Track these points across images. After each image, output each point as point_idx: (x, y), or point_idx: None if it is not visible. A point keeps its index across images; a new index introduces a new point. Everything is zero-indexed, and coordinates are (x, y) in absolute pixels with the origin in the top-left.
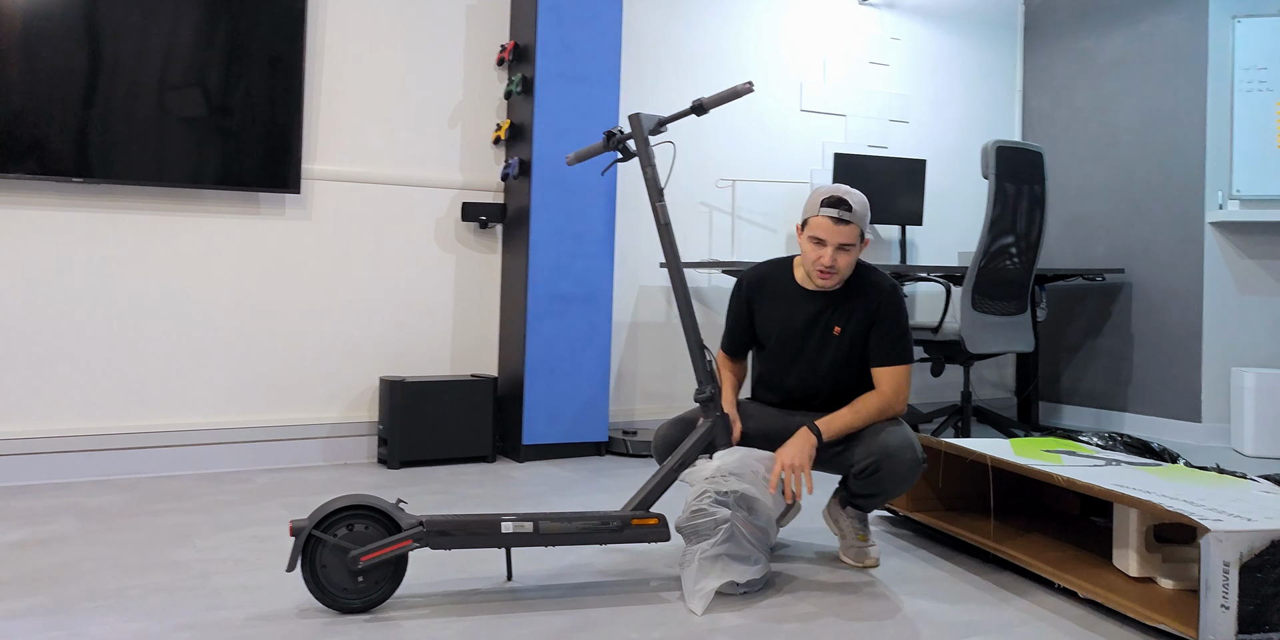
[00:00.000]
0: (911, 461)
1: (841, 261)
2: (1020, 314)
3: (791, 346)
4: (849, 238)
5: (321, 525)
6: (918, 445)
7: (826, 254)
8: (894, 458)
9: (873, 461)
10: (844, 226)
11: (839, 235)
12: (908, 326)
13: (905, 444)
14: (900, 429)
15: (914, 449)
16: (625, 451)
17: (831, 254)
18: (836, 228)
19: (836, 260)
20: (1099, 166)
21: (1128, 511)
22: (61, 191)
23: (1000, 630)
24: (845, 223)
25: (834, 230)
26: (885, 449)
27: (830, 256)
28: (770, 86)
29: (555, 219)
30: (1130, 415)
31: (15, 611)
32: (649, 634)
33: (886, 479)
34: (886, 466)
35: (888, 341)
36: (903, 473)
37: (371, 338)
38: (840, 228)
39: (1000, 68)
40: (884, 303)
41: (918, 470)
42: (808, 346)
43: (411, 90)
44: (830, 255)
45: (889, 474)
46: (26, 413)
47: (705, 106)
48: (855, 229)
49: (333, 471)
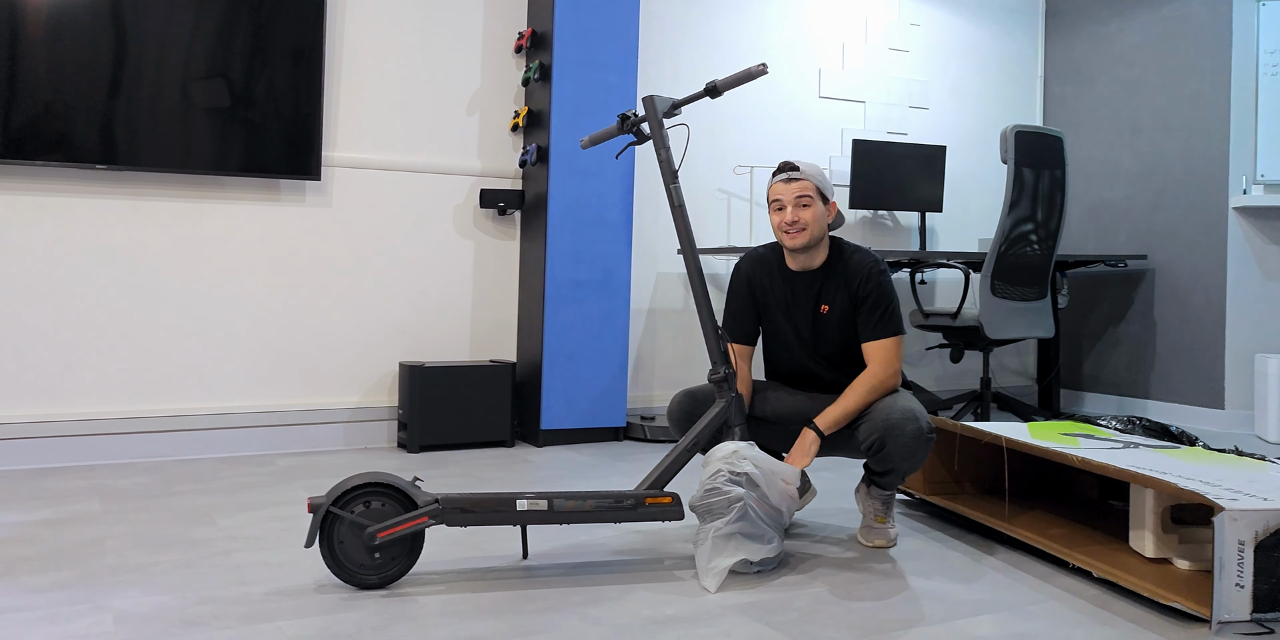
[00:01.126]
0: (915, 433)
1: (805, 216)
2: (1040, 300)
3: (789, 327)
4: (803, 190)
5: (339, 502)
6: (922, 417)
7: (788, 211)
8: (896, 431)
9: (877, 438)
10: (795, 183)
11: (792, 191)
12: (892, 300)
13: (907, 416)
14: (901, 402)
15: (917, 420)
16: (643, 436)
17: (791, 211)
18: (788, 186)
19: (798, 216)
20: (1121, 152)
21: (1144, 492)
22: (87, 179)
23: (1012, 609)
24: (795, 180)
25: (786, 189)
26: (887, 423)
27: (792, 212)
28: (788, 73)
29: (573, 205)
30: (1153, 402)
31: (41, 586)
32: (662, 611)
33: (894, 454)
34: (891, 441)
35: (872, 317)
36: (909, 444)
37: (391, 323)
38: (791, 185)
39: (1021, 53)
40: (864, 280)
41: (924, 441)
42: (803, 327)
43: (430, 78)
44: (791, 211)
45: (895, 448)
46: (53, 397)
47: (719, 89)
48: (807, 183)
49: (353, 455)
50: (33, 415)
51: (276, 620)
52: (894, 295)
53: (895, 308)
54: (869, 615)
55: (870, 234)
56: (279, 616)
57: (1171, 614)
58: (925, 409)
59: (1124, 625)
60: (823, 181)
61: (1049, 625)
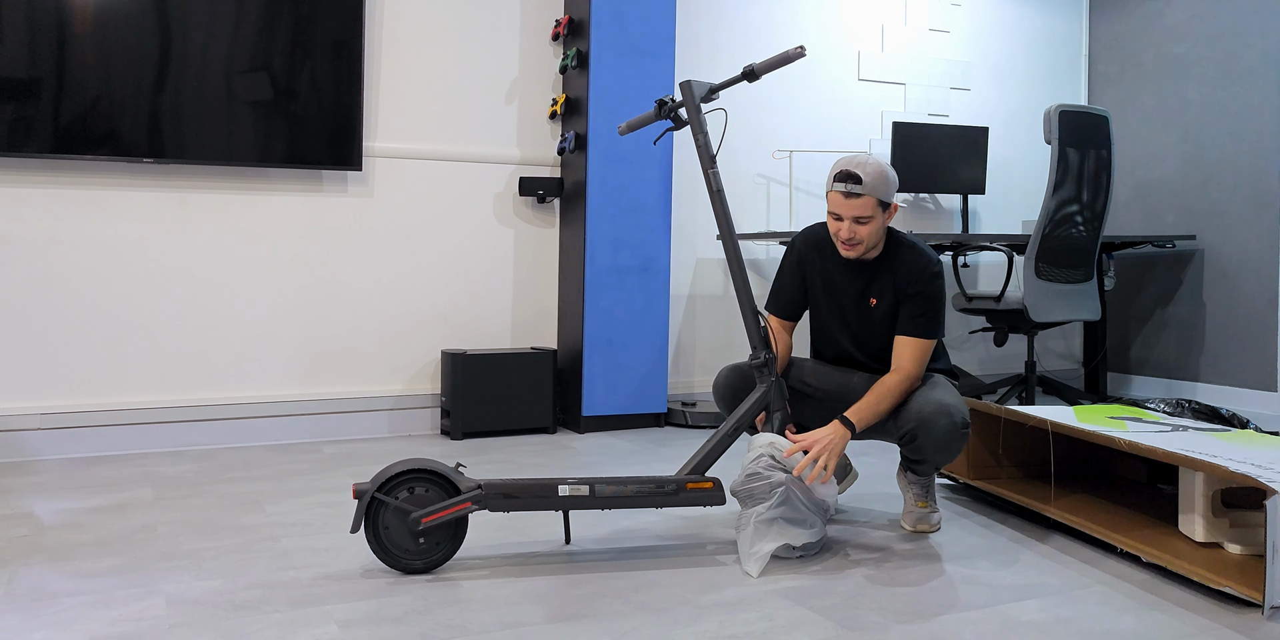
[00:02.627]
0: (947, 427)
1: (861, 232)
2: (1086, 282)
3: (836, 314)
4: (862, 210)
5: (384, 488)
6: (956, 411)
7: (844, 227)
8: (930, 425)
9: (910, 429)
10: (854, 200)
11: (851, 208)
12: (939, 303)
13: (940, 410)
14: (936, 395)
15: (950, 415)
16: (684, 422)
17: (849, 227)
18: (847, 202)
19: (855, 232)
20: (1168, 131)
21: (1193, 475)
22: (135, 172)
23: (1058, 593)
24: (856, 196)
25: (845, 204)
26: (921, 416)
27: (848, 229)
28: (827, 56)
29: (611, 192)
30: (1202, 385)
31: (96, 571)
32: (705, 596)
33: (926, 446)
34: (923, 434)
35: (913, 315)
36: (942, 439)
37: (433, 311)
38: (851, 201)
39: (1065, 31)
40: (912, 280)
41: (957, 435)
42: (850, 316)
43: (468, 67)
44: (848, 228)
45: (927, 441)
46: (105, 387)
47: (757, 72)
48: (868, 201)
49: (397, 443)
50: (86, 405)
51: (324, 604)
52: (943, 299)
53: (941, 311)
54: (912, 599)
55: (912, 217)
56: (327, 600)
57: (1222, 599)
58: (963, 398)
59: (1174, 610)
60: (886, 190)
61: (1096, 610)
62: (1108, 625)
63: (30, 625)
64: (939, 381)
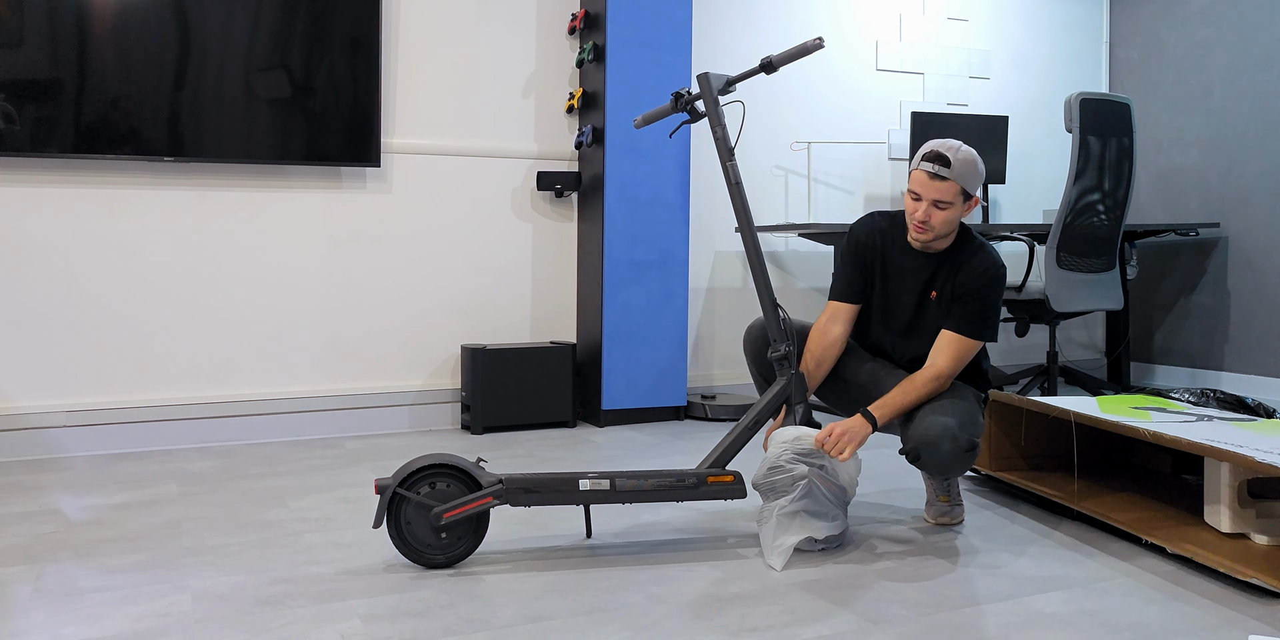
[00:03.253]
0: (950, 452)
1: (936, 218)
2: (1108, 271)
3: (892, 302)
4: (944, 194)
5: (405, 483)
6: (962, 434)
7: (921, 209)
8: (932, 448)
9: (912, 448)
10: (939, 182)
11: (933, 191)
12: (995, 306)
13: (945, 434)
14: (948, 412)
15: (955, 438)
16: (704, 416)
17: (926, 209)
18: (931, 183)
19: (931, 216)
20: (1191, 118)
21: (1219, 466)
22: (156, 171)
23: (1083, 585)
24: (941, 178)
25: (929, 185)
26: (925, 438)
27: (925, 211)
28: (844, 46)
29: (629, 186)
30: (1227, 374)
31: (122, 566)
32: (727, 588)
33: (929, 466)
34: (925, 455)
35: (965, 313)
36: (943, 462)
37: (452, 306)
38: (935, 183)
39: (1086, 18)
40: (975, 277)
41: (959, 458)
42: (905, 306)
43: (485, 62)
44: (925, 210)
45: (929, 462)
46: (130, 384)
47: (774, 64)
48: (952, 186)
49: (418, 437)
50: (111, 402)
51: (348, 599)
52: (999, 304)
53: (994, 316)
54: (935, 592)
55: None
56: (350, 595)
57: (1249, 590)
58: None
59: (1200, 602)
60: (972, 180)
61: (1121, 602)
62: (1133, 617)
63: (58, 621)
64: (962, 395)
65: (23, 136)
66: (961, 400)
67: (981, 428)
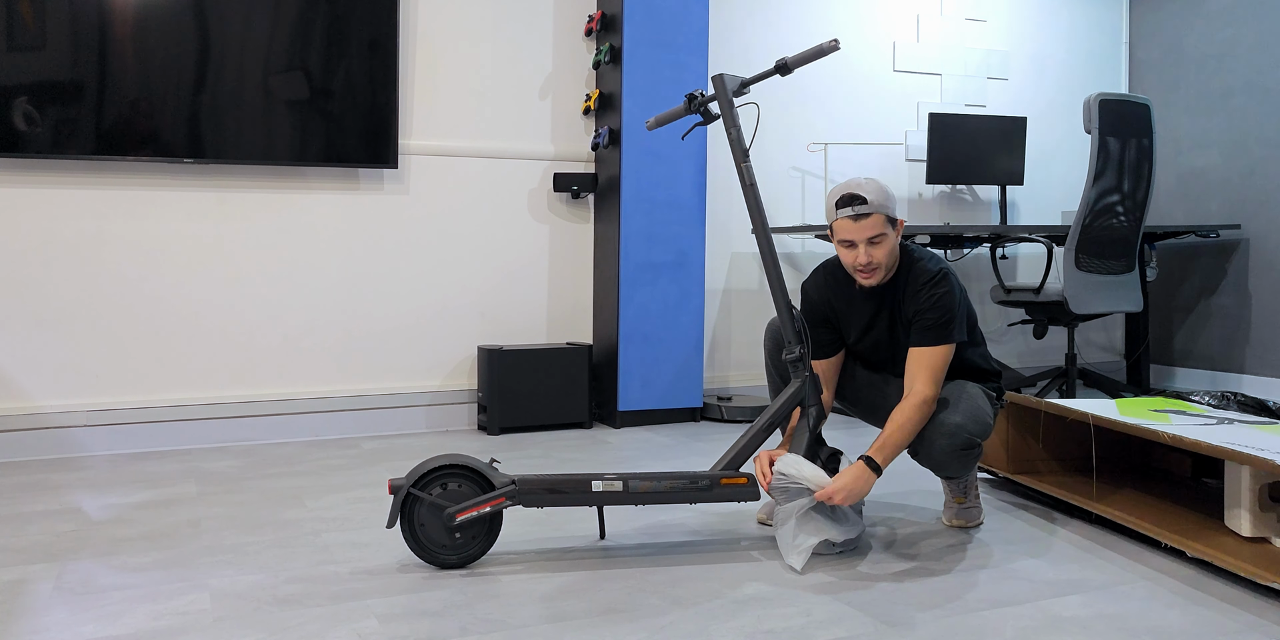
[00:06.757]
0: (946, 448)
1: (878, 255)
2: (1128, 273)
3: (868, 345)
4: (874, 229)
5: (419, 484)
6: (961, 430)
7: (860, 253)
8: (930, 444)
9: (911, 444)
10: (865, 220)
11: (863, 231)
12: (947, 312)
13: (940, 430)
14: (948, 408)
15: (952, 435)
16: (720, 417)
17: (864, 251)
18: (857, 225)
19: (871, 256)
20: (1211, 118)
21: (1240, 469)
22: (176, 172)
23: (1102, 589)
24: (865, 216)
25: (855, 228)
26: (925, 435)
27: (864, 253)
28: (862, 47)
29: (645, 187)
30: (1248, 377)
31: (143, 565)
32: (741, 590)
33: (928, 462)
34: (923, 451)
35: (921, 327)
36: (940, 459)
37: (469, 307)
38: (861, 223)
39: (1105, 18)
40: (918, 295)
41: (958, 456)
42: (881, 343)
43: (502, 64)
44: (864, 253)
45: (927, 458)
46: (150, 383)
47: (790, 66)
48: (877, 218)
49: (435, 438)
50: (131, 401)
51: (365, 598)
52: (952, 302)
53: (950, 315)
54: (951, 594)
55: (949, 209)
56: (367, 595)
57: (1270, 594)
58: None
59: (1220, 606)
60: (890, 205)
61: (1141, 606)
62: (1153, 621)
63: (79, 618)
64: (966, 392)
65: (45, 138)
66: (966, 398)
67: (987, 427)
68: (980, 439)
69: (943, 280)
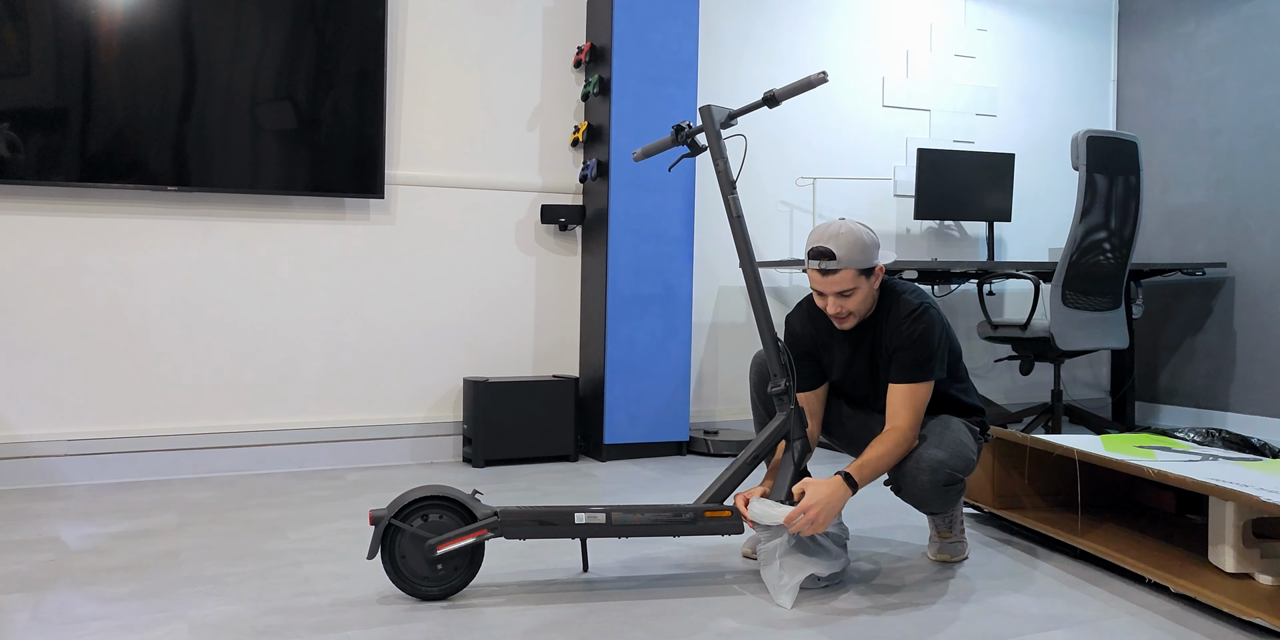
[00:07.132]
0: (927, 484)
1: (849, 306)
2: (1114, 310)
3: (849, 376)
4: (843, 284)
5: (400, 515)
6: (943, 466)
7: (830, 303)
8: (910, 479)
9: (893, 477)
10: (832, 276)
11: (832, 285)
12: (925, 345)
13: (919, 466)
14: (930, 443)
15: (933, 471)
16: (707, 451)
17: (835, 302)
18: (826, 279)
19: (841, 306)
20: (1199, 156)
21: (1224, 505)
22: (160, 200)
23: (1086, 624)
24: (832, 272)
25: (825, 282)
26: (905, 469)
27: (834, 305)
28: (851, 82)
29: (634, 220)
30: (1233, 414)
31: (120, 595)
32: (725, 623)
33: (909, 498)
34: (905, 485)
35: (900, 364)
36: (920, 495)
37: (455, 339)
38: (829, 279)
39: (1093, 56)
40: (896, 331)
41: (939, 492)
42: (862, 378)
43: (490, 95)
44: (834, 304)
45: (909, 493)
46: (131, 413)
47: (777, 98)
48: (846, 274)
49: (420, 470)
50: (112, 431)
51: (346, 630)
52: (931, 338)
53: (930, 352)
54: (935, 629)
55: (936, 245)
56: (347, 626)
57: (1253, 630)
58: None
59: None
60: (864, 257)
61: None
62: None
63: None
64: (948, 427)
65: (28, 165)
66: (949, 433)
67: (970, 462)
68: (963, 474)
69: (923, 315)
